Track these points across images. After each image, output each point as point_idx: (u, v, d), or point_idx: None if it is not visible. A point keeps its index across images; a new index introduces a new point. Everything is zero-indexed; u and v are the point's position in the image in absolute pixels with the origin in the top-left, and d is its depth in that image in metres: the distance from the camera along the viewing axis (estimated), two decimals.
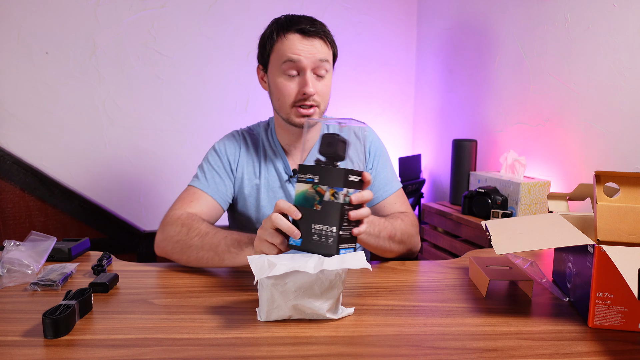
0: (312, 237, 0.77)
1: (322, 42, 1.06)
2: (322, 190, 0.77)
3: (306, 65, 1.03)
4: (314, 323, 0.75)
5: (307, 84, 1.03)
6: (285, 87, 1.05)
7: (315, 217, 0.77)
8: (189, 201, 1.09)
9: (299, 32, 1.04)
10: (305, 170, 0.80)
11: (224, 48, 2.36)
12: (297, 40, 1.03)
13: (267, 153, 1.19)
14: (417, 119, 2.87)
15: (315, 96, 1.05)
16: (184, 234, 0.98)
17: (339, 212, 0.76)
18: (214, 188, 1.13)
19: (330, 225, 0.76)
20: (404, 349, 0.68)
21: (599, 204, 0.80)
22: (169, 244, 1.01)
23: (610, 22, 1.56)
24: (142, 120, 2.34)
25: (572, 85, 1.72)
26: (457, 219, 1.94)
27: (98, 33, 2.22)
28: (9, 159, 2.14)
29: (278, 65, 1.05)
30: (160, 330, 0.72)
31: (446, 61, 2.51)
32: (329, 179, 0.77)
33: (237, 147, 1.18)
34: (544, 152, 1.88)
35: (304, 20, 1.06)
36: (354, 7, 2.65)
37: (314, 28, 1.04)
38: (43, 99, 2.18)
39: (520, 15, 1.96)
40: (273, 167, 1.17)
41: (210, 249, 0.95)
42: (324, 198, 0.77)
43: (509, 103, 2.05)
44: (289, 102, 1.06)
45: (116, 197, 2.35)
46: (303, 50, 1.03)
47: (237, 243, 0.93)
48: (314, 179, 0.78)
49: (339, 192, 0.76)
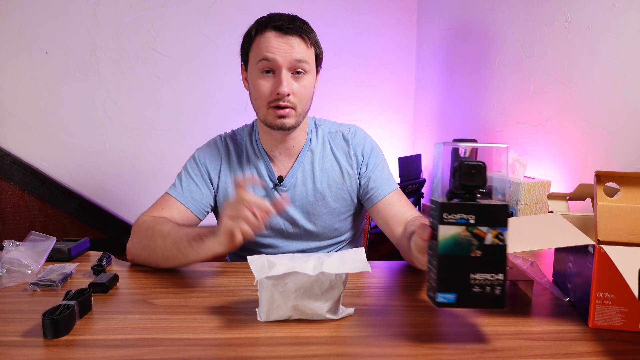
0: (471, 290, 0.65)
1: (300, 40, 1.01)
2: (481, 233, 0.65)
3: (281, 64, 0.99)
4: (314, 323, 0.75)
5: (281, 84, 0.99)
6: (260, 86, 1.01)
7: (475, 266, 0.64)
8: (159, 208, 1.06)
9: (275, 29, 0.99)
10: (452, 209, 0.64)
11: (223, 48, 2.36)
12: (273, 37, 0.99)
13: (250, 159, 1.13)
14: (417, 118, 2.86)
15: (290, 97, 1.01)
16: (148, 237, 0.96)
17: (505, 256, 0.64)
18: (189, 197, 1.09)
19: (496, 273, 0.65)
20: (404, 349, 0.68)
21: (599, 204, 0.80)
22: (137, 250, 1.00)
23: (611, 22, 1.56)
24: (142, 120, 2.34)
25: (572, 85, 1.72)
26: None
27: (98, 33, 2.22)
28: (8, 159, 2.14)
29: (255, 64, 1.01)
30: (160, 330, 0.72)
31: (446, 61, 2.51)
32: (489, 218, 0.64)
33: (217, 155, 1.14)
34: (544, 152, 1.87)
35: (283, 18, 1.01)
36: (354, 7, 2.65)
37: (291, 25, 0.99)
38: (43, 99, 2.18)
39: (520, 15, 1.95)
40: (257, 175, 1.12)
41: (173, 247, 0.93)
42: (485, 242, 0.64)
43: (509, 103, 2.05)
44: (265, 102, 1.02)
45: (116, 197, 2.35)
46: (278, 48, 0.99)
47: (198, 237, 0.90)
48: (469, 220, 0.64)
49: (504, 233, 0.64)
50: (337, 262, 0.74)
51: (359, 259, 0.76)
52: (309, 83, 1.04)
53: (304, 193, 1.12)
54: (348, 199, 1.14)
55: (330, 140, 1.15)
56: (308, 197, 1.12)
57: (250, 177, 0.79)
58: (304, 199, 1.12)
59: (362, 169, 1.14)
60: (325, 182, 1.12)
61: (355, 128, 1.17)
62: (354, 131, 1.16)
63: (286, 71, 1.00)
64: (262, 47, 0.99)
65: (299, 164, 1.12)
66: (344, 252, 0.79)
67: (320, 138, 1.15)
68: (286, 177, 1.11)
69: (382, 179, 1.13)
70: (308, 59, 1.02)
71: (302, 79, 1.02)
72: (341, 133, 1.15)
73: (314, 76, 1.07)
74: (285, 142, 1.11)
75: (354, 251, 0.78)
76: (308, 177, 1.12)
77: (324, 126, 1.17)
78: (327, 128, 1.17)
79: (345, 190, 1.13)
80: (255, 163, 1.12)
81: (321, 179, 1.12)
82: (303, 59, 1.00)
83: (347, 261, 0.75)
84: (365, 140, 1.16)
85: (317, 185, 1.12)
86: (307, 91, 1.04)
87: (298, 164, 1.12)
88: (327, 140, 1.15)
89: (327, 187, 1.12)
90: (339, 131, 1.16)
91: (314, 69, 1.06)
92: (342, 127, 1.17)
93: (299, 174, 1.12)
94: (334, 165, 1.13)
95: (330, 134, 1.16)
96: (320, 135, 1.15)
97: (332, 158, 1.14)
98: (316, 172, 1.12)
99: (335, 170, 1.13)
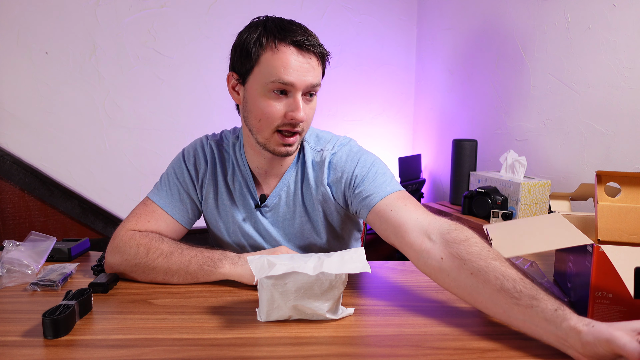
0: None
1: (317, 60, 0.90)
2: None
3: (298, 88, 0.87)
4: (314, 323, 0.75)
5: (298, 108, 0.87)
6: (270, 108, 0.88)
7: None
8: (144, 220, 0.97)
9: (295, 45, 0.86)
10: None
11: (223, 48, 2.36)
12: (293, 55, 0.86)
13: (235, 173, 1.03)
14: (417, 118, 2.87)
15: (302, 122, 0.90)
16: (143, 255, 0.90)
17: None
18: (175, 207, 1.01)
19: None
20: (404, 349, 0.68)
21: (600, 203, 0.80)
22: (126, 267, 0.91)
23: (611, 22, 1.56)
24: (142, 120, 2.34)
25: (572, 85, 1.72)
26: (457, 219, 1.94)
27: (98, 33, 2.22)
28: (8, 159, 2.14)
29: (264, 82, 0.87)
30: (160, 330, 0.72)
31: (446, 61, 2.51)
32: None
33: (202, 161, 1.04)
34: (544, 152, 1.87)
35: (297, 30, 0.88)
36: (354, 7, 2.65)
37: (308, 42, 0.87)
38: (43, 99, 2.18)
39: (520, 15, 1.96)
40: (242, 192, 1.03)
41: (181, 269, 0.89)
42: None
43: (509, 103, 2.05)
44: (273, 125, 0.90)
45: (116, 197, 2.35)
46: (298, 70, 0.86)
47: (210, 260, 0.89)
48: None
49: None
50: (337, 262, 0.74)
51: (359, 259, 0.76)
52: (315, 104, 0.94)
53: (287, 214, 1.03)
54: (334, 220, 1.03)
55: (314, 160, 1.01)
56: (291, 219, 1.03)
57: None
58: (286, 221, 1.03)
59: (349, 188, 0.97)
60: (310, 202, 1.02)
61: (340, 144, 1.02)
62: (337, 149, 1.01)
63: (300, 93, 0.89)
64: (278, 66, 0.86)
65: (284, 183, 1.02)
66: (343, 252, 0.78)
67: (306, 156, 1.02)
68: (269, 197, 1.02)
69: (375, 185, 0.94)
70: (320, 80, 0.92)
71: (312, 101, 0.92)
72: (322, 153, 1.01)
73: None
74: (276, 163, 1.00)
75: (354, 251, 0.78)
76: (291, 198, 1.02)
77: (309, 142, 1.03)
78: (312, 145, 1.03)
79: (330, 211, 1.02)
80: (239, 178, 1.03)
81: (307, 200, 1.02)
82: (318, 83, 0.91)
83: (347, 261, 0.74)
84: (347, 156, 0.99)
85: (299, 206, 1.02)
86: (313, 113, 0.94)
87: (283, 183, 1.02)
88: (310, 160, 1.01)
89: (312, 208, 1.02)
90: (322, 149, 1.01)
91: None
92: (328, 144, 1.02)
93: (283, 194, 1.02)
94: (319, 185, 1.00)
95: (314, 152, 1.02)
96: (306, 152, 1.02)
97: (315, 179, 1.01)
98: (299, 192, 1.02)
99: (319, 190, 1.00)
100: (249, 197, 1.03)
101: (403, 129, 2.90)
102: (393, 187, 0.93)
